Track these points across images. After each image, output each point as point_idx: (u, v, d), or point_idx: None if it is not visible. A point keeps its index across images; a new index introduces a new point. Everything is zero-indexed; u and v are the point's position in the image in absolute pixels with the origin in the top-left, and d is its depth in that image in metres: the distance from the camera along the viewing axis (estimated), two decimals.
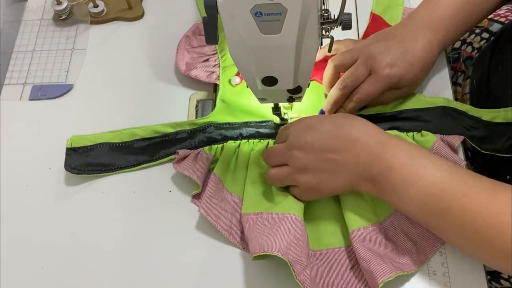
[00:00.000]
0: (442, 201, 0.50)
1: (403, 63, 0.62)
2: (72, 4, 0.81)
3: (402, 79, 0.63)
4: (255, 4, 0.45)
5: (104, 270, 0.60)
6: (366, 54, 0.63)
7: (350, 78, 0.63)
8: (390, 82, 0.62)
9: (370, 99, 0.63)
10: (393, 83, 0.63)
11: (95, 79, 0.75)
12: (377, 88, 0.62)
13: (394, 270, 0.53)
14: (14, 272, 0.61)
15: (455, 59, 0.82)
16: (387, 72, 0.62)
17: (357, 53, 0.64)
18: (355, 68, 0.63)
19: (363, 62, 0.63)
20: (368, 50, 0.63)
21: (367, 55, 0.63)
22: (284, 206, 0.58)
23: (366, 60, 0.63)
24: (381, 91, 0.63)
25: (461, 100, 0.75)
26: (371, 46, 0.64)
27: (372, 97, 0.63)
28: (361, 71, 0.63)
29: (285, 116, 0.67)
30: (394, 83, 0.63)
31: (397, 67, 0.62)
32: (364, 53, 0.63)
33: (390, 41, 0.64)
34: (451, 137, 0.62)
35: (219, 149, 0.66)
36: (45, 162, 0.68)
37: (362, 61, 0.63)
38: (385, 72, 0.62)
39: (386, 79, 0.62)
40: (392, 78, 0.62)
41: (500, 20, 0.80)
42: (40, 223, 0.64)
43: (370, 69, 0.63)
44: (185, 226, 0.62)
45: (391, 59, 0.62)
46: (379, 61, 0.62)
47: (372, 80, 0.62)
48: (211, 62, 0.73)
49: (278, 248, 0.52)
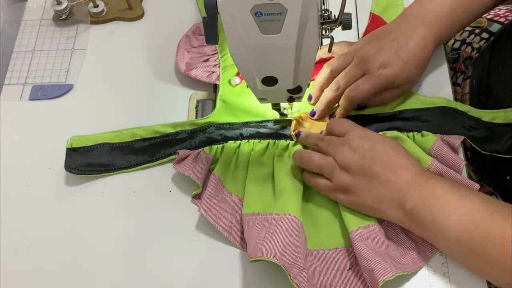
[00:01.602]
0: (482, 229, 0.50)
1: (397, 62, 0.62)
2: (72, 4, 0.81)
3: (397, 78, 0.63)
4: (255, 4, 0.45)
5: (104, 270, 0.60)
6: (360, 56, 0.63)
7: (344, 80, 0.63)
8: (385, 81, 0.62)
9: (365, 96, 0.63)
10: (388, 82, 0.63)
11: (95, 79, 0.75)
12: (372, 85, 0.62)
13: (395, 269, 0.53)
14: (14, 272, 0.61)
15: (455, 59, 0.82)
16: (380, 72, 0.62)
17: (351, 56, 0.64)
18: (349, 70, 0.63)
19: (357, 63, 0.63)
20: (362, 52, 0.63)
21: (361, 57, 0.63)
22: (282, 205, 0.58)
23: (360, 61, 0.63)
24: (376, 90, 0.63)
25: (460, 100, 0.75)
26: (365, 48, 0.64)
27: (366, 95, 0.63)
28: (354, 72, 0.63)
29: (285, 111, 0.67)
30: (390, 82, 0.63)
31: (390, 66, 0.62)
32: (358, 55, 0.64)
33: (384, 40, 0.64)
34: (451, 137, 0.62)
35: (219, 149, 0.66)
36: (45, 162, 0.68)
37: (356, 62, 0.63)
38: (378, 72, 0.62)
39: (380, 78, 0.62)
40: (387, 78, 0.62)
41: (500, 20, 0.80)
42: (40, 223, 0.64)
43: (364, 70, 0.63)
44: (185, 226, 0.62)
45: (384, 59, 0.62)
46: (372, 62, 0.62)
47: (366, 78, 0.62)
48: (211, 62, 0.73)
49: (274, 253, 0.53)
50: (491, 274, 0.53)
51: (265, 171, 0.63)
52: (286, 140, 0.66)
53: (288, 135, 0.66)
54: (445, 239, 0.53)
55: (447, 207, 0.52)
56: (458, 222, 0.51)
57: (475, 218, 0.51)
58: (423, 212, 0.53)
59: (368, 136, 0.58)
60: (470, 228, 0.51)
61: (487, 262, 0.51)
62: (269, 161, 0.64)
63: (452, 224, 0.52)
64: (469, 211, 0.51)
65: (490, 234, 0.50)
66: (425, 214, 0.53)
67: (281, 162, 0.63)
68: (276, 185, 0.61)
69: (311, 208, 0.62)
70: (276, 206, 0.58)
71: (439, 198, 0.53)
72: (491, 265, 0.51)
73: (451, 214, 0.52)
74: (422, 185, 0.54)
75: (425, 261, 0.56)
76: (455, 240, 0.52)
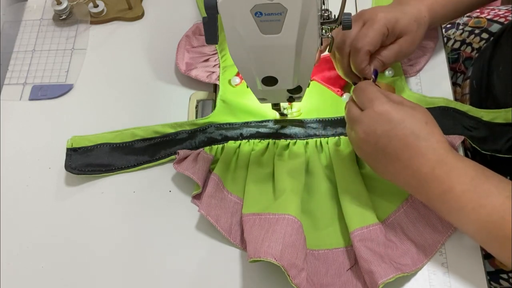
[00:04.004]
0: (502, 230, 0.49)
1: (396, 10, 0.62)
2: (72, 4, 0.81)
3: (398, 22, 0.61)
4: (255, 4, 0.45)
5: (104, 270, 0.60)
6: (358, 14, 0.62)
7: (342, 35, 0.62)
8: (387, 21, 0.60)
9: (372, 44, 0.60)
10: (391, 23, 0.61)
11: (95, 79, 0.75)
12: (375, 30, 0.60)
13: (395, 271, 0.53)
14: (14, 272, 0.61)
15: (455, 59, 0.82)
16: (382, 15, 0.61)
17: None
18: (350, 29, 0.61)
19: (355, 20, 0.62)
20: (360, 12, 0.63)
21: (359, 14, 0.62)
22: (282, 205, 0.58)
23: (358, 17, 0.62)
24: (381, 32, 0.60)
25: (460, 100, 0.75)
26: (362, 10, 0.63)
27: (372, 41, 0.60)
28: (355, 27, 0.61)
29: (285, 111, 0.67)
30: (392, 24, 0.61)
31: (391, 12, 0.61)
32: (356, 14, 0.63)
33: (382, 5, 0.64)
34: (452, 137, 0.62)
35: (220, 149, 0.66)
36: (45, 162, 0.68)
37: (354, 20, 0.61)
38: (380, 15, 0.60)
39: (382, 19, 0.60)
40: (389, 18, 0.60)
41: (500, 21, 0.80)
42: (40, 223, 0.64)
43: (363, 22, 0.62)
44: (185, 226, 0.62)
45: (384, 8, 0.62)
46: (371, 11, 0.62)
47: (368, 23, 0.61)
48: (211, 62, 0.73)
49: (273, 254, 0.53)
50: None
51: (265, 171, 0.63)
52: (286, 140, 0.66)
53: (288, 135, 0.66)
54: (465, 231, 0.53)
55: (465, 207, 0.51)
56: (476, 222, 0.50)
57: (494, 219, 0.50)
58: (439, 204, 0.53)
59: (385, 116, 0.53)
60: (490, 227, 0.50)
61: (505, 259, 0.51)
62: (269, 161, 0.64)
63: (471, 221, 0.51)
64: (488, 213, 0.50)
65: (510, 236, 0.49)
66: (441, 206, 0.53)
67: (281, 162, 0.63)
68: (276, 185, 0.61)
69: (311, 208, 0.62)
70: (275, 206, 0.58)
71: (458, 197, 0.51)
72: None
73: (469, 214, 0.51)
74: (440, 179, 0.52)
75: (425, 262, 0.57)
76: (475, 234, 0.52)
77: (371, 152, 0.55)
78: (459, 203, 0.51)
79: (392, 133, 0.53)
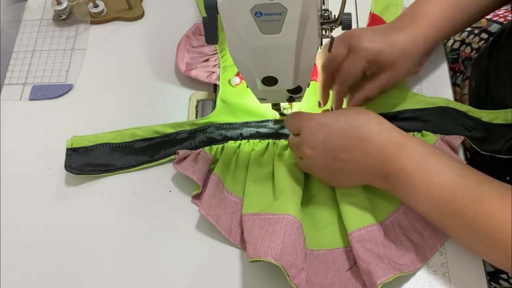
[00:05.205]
0: (453, 205, 0.51)
1: (383, 41, 0.61)
2: (72, 4, 0.81)
3: (382, 55, 0.60)
4: (255, 4, 0.45)
5: (104, 270, 0.60)
6: (347, 35, 0.62)
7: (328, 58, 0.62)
8: (368, 55, 0.60)
9: (352, 77, 0.61)
10: (373, 57, 0.60)
11: (95, 79, 0.75)
12: (356, 63, 0.61)
13: (393, 271, 0.53)
14: (14, 272, 0.61)
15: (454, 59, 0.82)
16: (365, 45, 0.60)
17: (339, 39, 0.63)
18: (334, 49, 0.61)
19: (342, 41, 0.62)
20: (349, 32, 0.62)
21: (348, 35, 0.62)
22: (282, 205, 0.58)
23: (345, 39, 0.62)
24: (362, 67, 0.61)
25: (460, 100, 0.75)
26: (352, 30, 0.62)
27: (353, 74, 0.61)
28: (339, 50, 0.62)
29: (285, 111, 0.67)
30: (374, 57, 0.60)
31: (376, 43, 0.61)
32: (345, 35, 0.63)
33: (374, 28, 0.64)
34: (452, 137, 0.62)
35: (220, 149, 0.66)
36: (45, 162, 0.68)
37: (341, 41, 0.62)
38: (363, 45, 0.60)
39: (364, 51, 0.60)
40: (371, 51, 0.60)
41: (499, 21, 0.80)
42: (40, 223, 0.64)
43: (348, 47, 0.62)
44: (185, 226, 0.62)
45: (371, 37, 0.61)
46: (358, 37, 0.61)
47: (350, 56, 0.61)
48: (211, 62, 0.73)
49: (272, 254, 0.53)
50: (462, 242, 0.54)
51: (265, 171, 0.63)
52: (286, 140, 0.66)
53: (288, 135, 0.66)
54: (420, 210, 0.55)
55: (417, 184, 0.53)
56: (428, 199, 0.52)
57: (444, 196, 0.51)
58: (396, 186, 0.55)
59: (319, 124, 0.57)
60: (440, 204, 0.52)
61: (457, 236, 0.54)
62: (269, 161, 0.64)
63: (423, 199, 0.53)
64: (438, 189, 0.51)
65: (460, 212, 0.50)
66: (398, 188, 0.55)
67: (281, 162, 0.63)
68: (275, 185, 0.61)
69: (311, 208, 0.62)
70: (275, 206, 0.58)
71: (409, 175, 0.53)
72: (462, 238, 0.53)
73: (421, 191, 0.52)
74: (391, 159, 0.54)
75: (424, 262, 0.57)
76: (428, 212, 0.54)
77: (325, 164, 0.57)
78: (411, 181, 0.53)
79: (332, 133, 0.56)
